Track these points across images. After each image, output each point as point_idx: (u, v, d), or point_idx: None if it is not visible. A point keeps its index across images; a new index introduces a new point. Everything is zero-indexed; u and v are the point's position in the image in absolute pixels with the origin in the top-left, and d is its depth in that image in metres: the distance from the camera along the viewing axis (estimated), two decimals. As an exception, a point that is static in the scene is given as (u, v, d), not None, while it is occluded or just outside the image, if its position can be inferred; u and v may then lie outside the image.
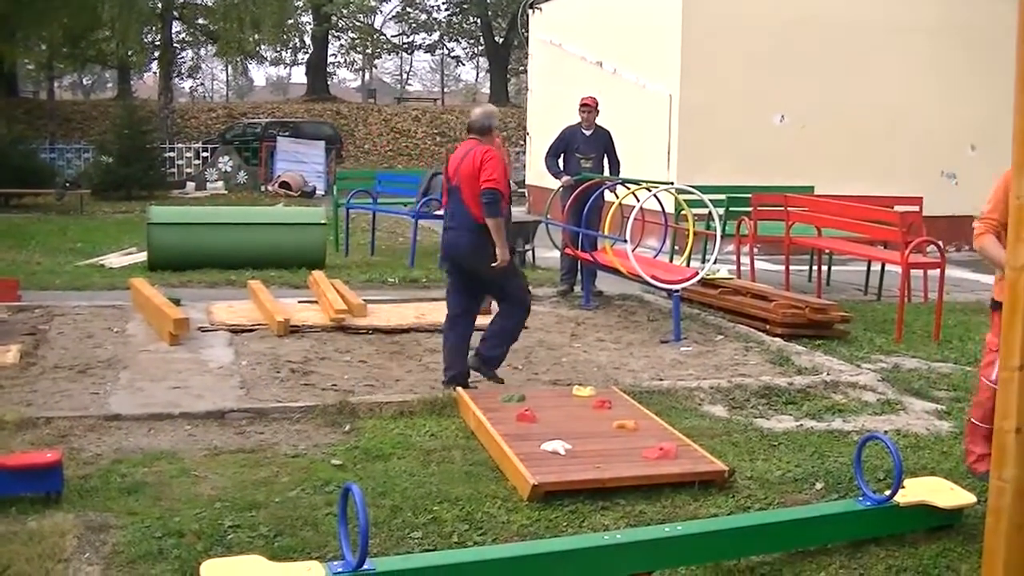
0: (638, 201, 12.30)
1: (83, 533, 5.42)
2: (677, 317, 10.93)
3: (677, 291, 11.02)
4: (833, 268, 15.21)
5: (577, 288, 13.19)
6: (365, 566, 4.57)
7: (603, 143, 13.42)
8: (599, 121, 13.56)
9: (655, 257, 13.35)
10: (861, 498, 5.78)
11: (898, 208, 13.45)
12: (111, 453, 6.83)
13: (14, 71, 47.44)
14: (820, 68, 19.27)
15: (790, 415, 8.21)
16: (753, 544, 5.48)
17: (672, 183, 14.11)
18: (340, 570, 4.57)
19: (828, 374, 9.30)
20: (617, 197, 12.78)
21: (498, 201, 8.36)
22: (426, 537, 5.58)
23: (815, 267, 14.21)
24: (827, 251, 14.24)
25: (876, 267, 14.25)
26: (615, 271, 11.87)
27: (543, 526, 5.79)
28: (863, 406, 8.50)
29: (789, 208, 13.68)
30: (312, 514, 5.80)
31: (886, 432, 7.55)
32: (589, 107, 13.39)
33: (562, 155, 13.37)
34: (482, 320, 8.89)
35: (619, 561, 5.11)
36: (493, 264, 8.37)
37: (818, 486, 6.54)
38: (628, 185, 13.21)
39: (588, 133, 13.37)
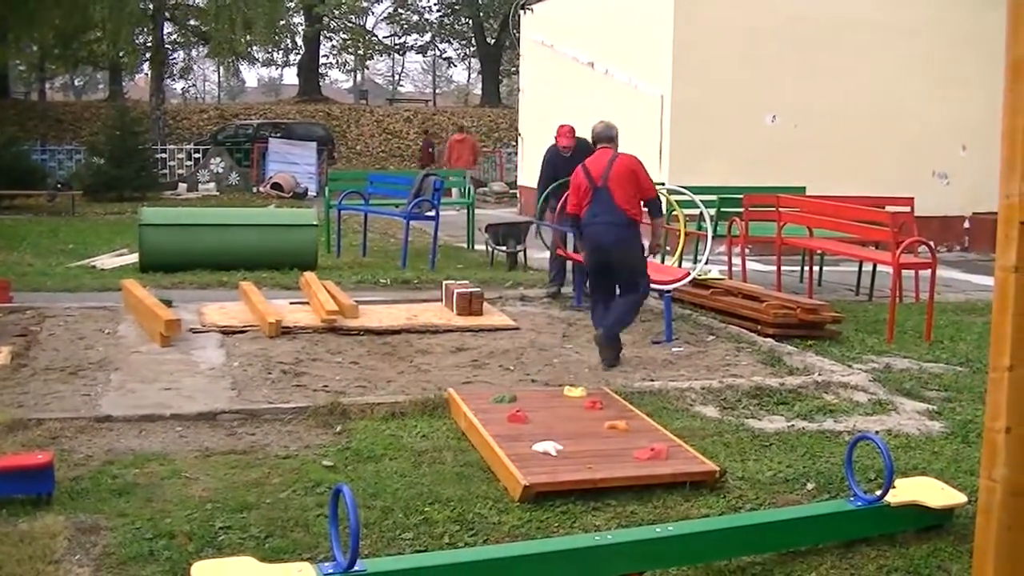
0: None
1: (74, 535, 5.41)
2: (668, 318, 10.93)
3: (668, 292, 11.02)
4: (825, 268, 15.24)
5: (567, 289, 13.15)
6: (356, 567, 4.57)
7: (584, 157, 13.24)
8: (581, 130, 13.26)
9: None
10: (852, 498, 5.79)
11: (889, 208, 13.48)
12: (102, 454, 6.82)
13: (5, 72, 47.46)
14: (812, 68, 19.31)
15: (781, 415, 8.21)
16: (744, 544, 5.48)
17: (663, 183, 14.07)
18: (331, 571, 4.57)
19: (819, 374, 9.31)
20: None
21: (661, 205, 10.30)
22: (417, 538, 5.58)
23: (807, 267, 14.22)
24: (819, 251, 14.26)
25: (867, 267, 14.26)
26: None
27: (534, 527, 5.79)
28: (854, 406, 8.50)
29: (781, 208, 13.69)
30: (303, 515, 5.80)
31: (877, 432, 7.56)
32: (567, 137, 13.29)
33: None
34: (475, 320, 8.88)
35: (610, 562, 5.12)
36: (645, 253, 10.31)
37: (809, 486, 6.54)
38: None
39: (567, 155, 13.04)
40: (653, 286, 11.17)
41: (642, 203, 9.95)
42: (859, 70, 19.56)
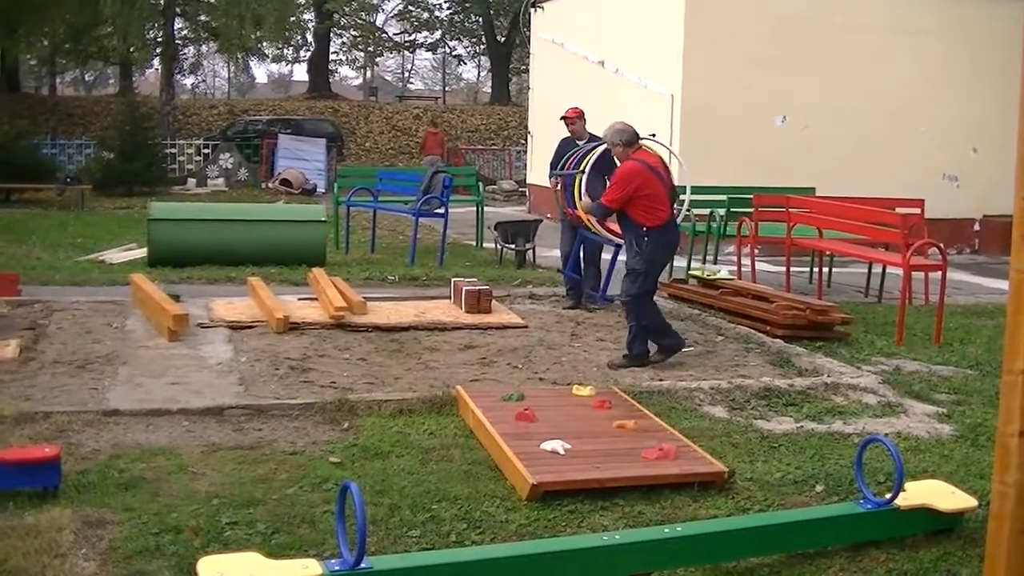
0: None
1: (80, 528, 5.41)
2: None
3: (620, 244, 10.92)
4: (834, 270, 15.17)
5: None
6: (362, 564, 4.56)
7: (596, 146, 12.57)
8: (596, 129, 12.54)
9: None
10: (861, 501, 5.77)
11: (899, 210, 13.43)
12: (109, 448, 6.82)
13: (16, 66, 47.47)
14: (822, 69, 19.26)
15: (790, 417, 8.19)
16: (752, 546, 5.46)
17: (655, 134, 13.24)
18: (337, 568, 4.56)
19: (829, 376, 9.28)
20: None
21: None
22: (424, 536, 5.56)
23: (816, 268, 14.20)
24: (828, 253, 14.22)
25: (877, 269, 14.21)
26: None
27: (542, 526, 5.78)
28: (864, 408, 8.48)
29: (790, 209, 13.66)
30: (310, 512, 5.79)
31: (887, 435, 7.53)
32: (569, 119, 12.77)
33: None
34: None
35: (618, 561, 5.10)
36: None
37: (818, 488, 6.52)
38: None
39: (582, 143, 12.47)
40: (611, 237, 11.53)
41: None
42: (869, 72, 19.51)
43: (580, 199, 11.30)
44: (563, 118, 12.86)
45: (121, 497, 5.94)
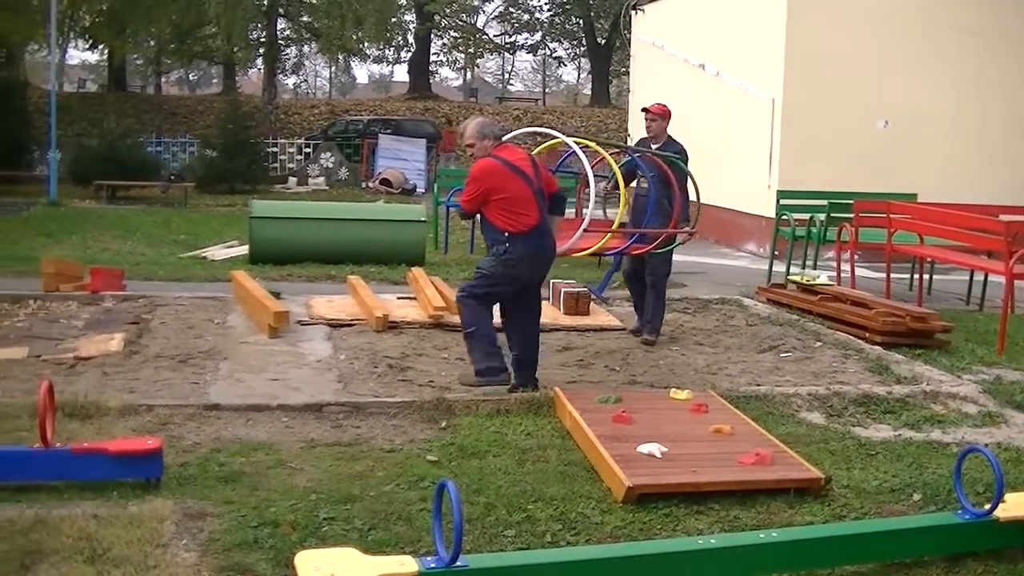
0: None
1: (181, 520, 5.51)
2: None
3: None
4: (935, 277, 14.96)
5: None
6: (458, 562, 4.58)
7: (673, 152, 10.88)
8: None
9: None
10: (960, 511, 5.69)
11: (1003, 217, 13.21)
12: (210, 442, 6.93)
13: (123, 66, 48.42)
14: (927, 73, 18.97)
15: (888, 424, 8.11)
16: (848, 554, 5.42)
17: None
18: (433, 566, 4.59)
19: (928, 384, 9.16)
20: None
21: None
22: (519, 536, 5.59)
23: (916, 275, 14.02)
24: (929, 259, 14.02)
25: (979, 277, 14.00)
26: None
27: (637, 528, 5.78)
28: (963, 417, 8.36)
29: (891, 215, 13.49)
30: (406, 509, 5.84)
31: (987, 445, 7.42)
32: (650, 114, 10.90)
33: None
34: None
35: (713, 566, 5.09)
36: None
37: (916, 497, 6.45)
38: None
39: (656, 146, 10.91)
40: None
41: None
42: (974, 75, 19.17)
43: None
44: (644, 110, 10.99)
45: (221, 490, 6.04)
